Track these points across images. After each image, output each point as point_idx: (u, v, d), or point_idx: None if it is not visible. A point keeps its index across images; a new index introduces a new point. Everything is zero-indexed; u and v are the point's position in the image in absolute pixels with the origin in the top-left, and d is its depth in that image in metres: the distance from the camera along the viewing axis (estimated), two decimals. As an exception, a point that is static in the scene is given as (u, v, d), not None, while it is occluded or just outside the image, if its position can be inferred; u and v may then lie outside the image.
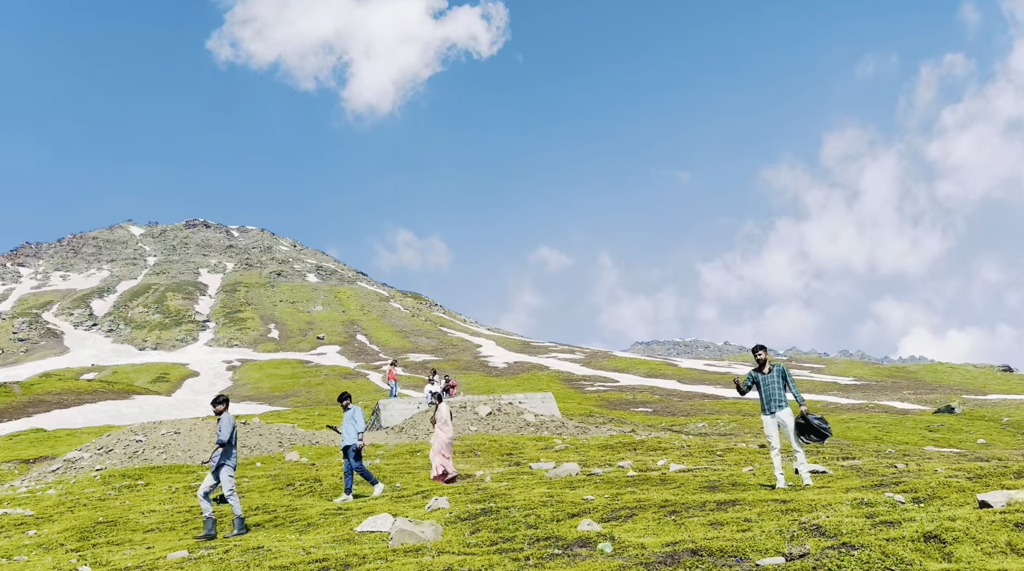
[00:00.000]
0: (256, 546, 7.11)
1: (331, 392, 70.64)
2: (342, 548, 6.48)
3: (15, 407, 49.33)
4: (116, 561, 7.53)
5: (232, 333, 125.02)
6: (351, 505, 10.43)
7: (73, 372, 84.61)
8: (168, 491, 14.54)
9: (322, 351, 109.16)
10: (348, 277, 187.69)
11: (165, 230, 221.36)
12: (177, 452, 19.99)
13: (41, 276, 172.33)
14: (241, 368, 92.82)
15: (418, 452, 18.07)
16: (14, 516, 12.92)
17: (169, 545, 8.43)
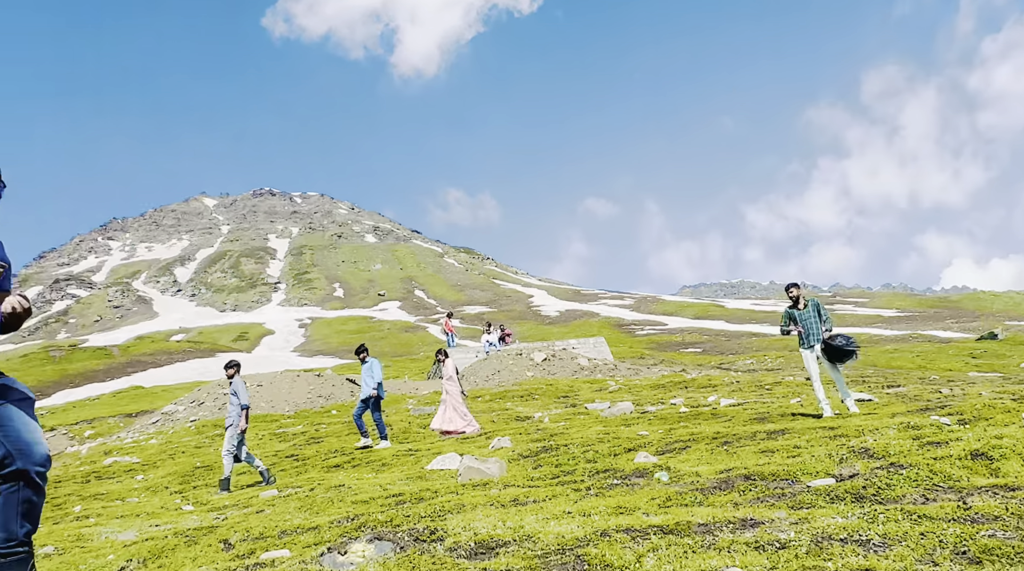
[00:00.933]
0: (338, 484, 7.38)
1: (394, 345, 72.13)
2: (415, 484, 6.68)
3: (116, 368, 51.83)
4: (214, 501, 7.93)
5: (301, 293, 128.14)
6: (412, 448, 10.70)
7: (163, 335, 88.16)
8: (255, 438, 15.17)
9: (383, 307, 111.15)
10: (404, 236, 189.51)
11: (235, 200, 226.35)
12: (261, 403, 20.76)
13: (129, 248, 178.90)
14: (312, 325, 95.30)
15: (478, 398, 18.38)
16: (124, 463, 13.68)
17: (260, 487, 8.82)
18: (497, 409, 15.39)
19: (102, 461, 14.56)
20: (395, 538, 3.71)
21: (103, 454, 16.28)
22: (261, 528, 4.69)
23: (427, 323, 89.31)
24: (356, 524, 4.39)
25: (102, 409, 30.88)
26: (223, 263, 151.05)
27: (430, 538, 3.69)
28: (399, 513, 4.62)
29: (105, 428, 25.64)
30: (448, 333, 29.78)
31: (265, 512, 5.97)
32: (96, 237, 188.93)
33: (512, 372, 22.61)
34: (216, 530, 4.98)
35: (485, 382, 22.00)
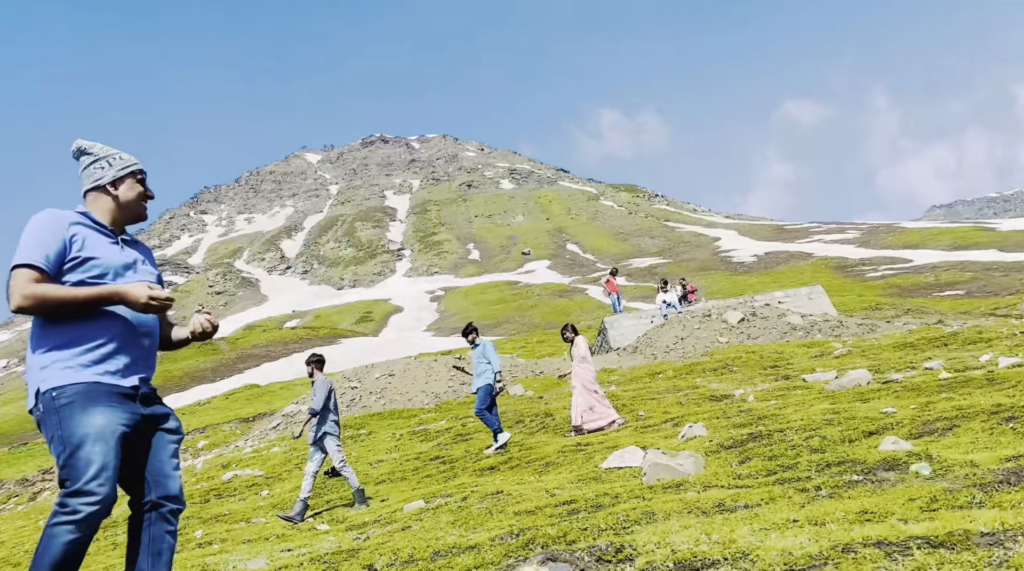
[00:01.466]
0: (495, 491, 7.64)
1: (547, 315, 73.25)
2: (589, 488, 6.77)
3: (225, 364, 56.73)
4: (352, 517, 8.50)
5: (430, 259, 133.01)
6: (579, 442, 10.84)
7: (275, 321, 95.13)
8: (392, 439, 16.06)
9: (530, 268, 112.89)
10: (548, 177, 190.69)
11: (342, 153, 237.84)
12: (395, 396, 21.92)
13: (226, 222, 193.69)
14: (445, 298, 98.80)
15: (659, 374, 18.28)
16: (245, 478, 15.00)
17: (403, 496, 9.34)
18: (684, 387, 15.25)
19: (220, 476, 16.04)
20: (573, 558, 3.78)
21: (221, 467, 17.94)
22: (410, 549, 4.96)
23: (585, 284, 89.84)
24: (523, 541, 4.53)
25: (214, 415, 33.98)
26: (336, 230, 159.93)
27: (616, 557, 3.72)
28: (574, 526, 4.71)
29: (220, 437, 28.21)
30: (613, 294, 29.78)
31: (412, 529, 6.31)
32: (187, 212, 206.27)
33: (700, 339, 22.26)
34: (358, 554, 5.33)
35: (666, 354, 21.83)
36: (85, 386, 3.01)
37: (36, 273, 3.04)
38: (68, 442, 2.93)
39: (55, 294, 3.03)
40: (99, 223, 3.29)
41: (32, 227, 3.13)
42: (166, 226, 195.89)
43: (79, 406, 2.98)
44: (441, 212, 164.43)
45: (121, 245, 3.32)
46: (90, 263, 3.15)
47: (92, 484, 2.87)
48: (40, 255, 3.06)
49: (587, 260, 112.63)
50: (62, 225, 3.16)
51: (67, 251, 3.13)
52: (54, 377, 3.03)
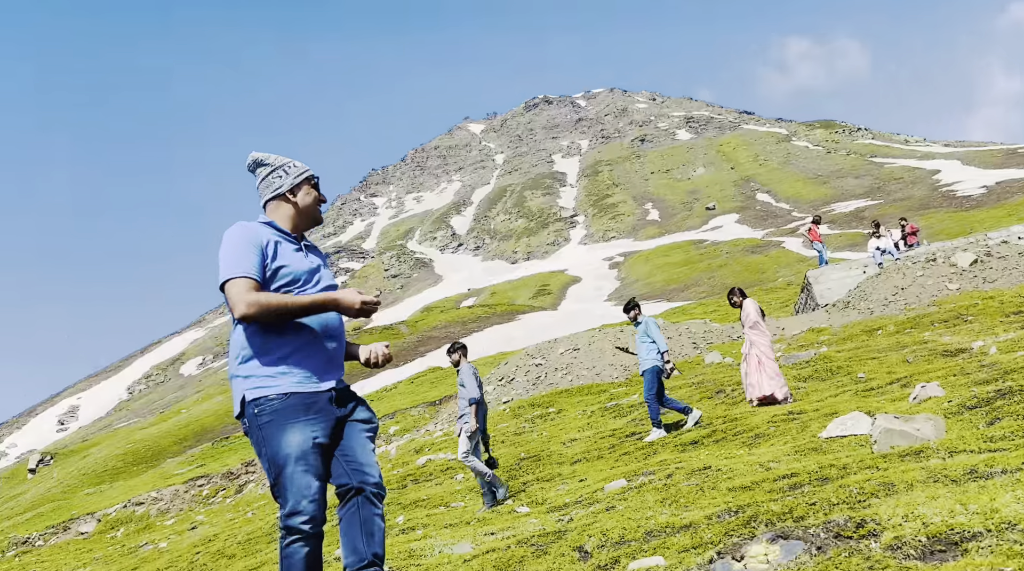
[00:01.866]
0: (701, 466, 7.54)
1: (739, 274, 71.42)
2: (809, 460, 6.55)
3: (407, 348, 59.15)
4: (552, 498, 8.64)
5: (605, 224, 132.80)
6: (791, 410, 10.47)
7: (451, 301, 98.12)
8: (584, 416, 16.22)
9: (716, 224, 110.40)
10: (729, 122, 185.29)
11: (505, 119, 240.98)
12: (581, 371, 22.10)
13: (395, 203, 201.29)
14: (625, 263, 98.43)
15: (878, 330, 17.41)
16: (439, 462, 15.61)
17: (602, 475, 9.40)
18: (909, 343, 14.44)
19: (415, 461, 16.77)
20: (805, 535, 3.65)
21: (414, 452, 18.75)
22: (620, 530, 4.98)
23: (781, 236, 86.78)
24: (743, 519, 4.43)
25: (401, 399, 35.56)
26: (505, 202, 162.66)
27: (856, 533, 3.57)
28: (800, 501, 4.56)
29: (410, 422, 29.49)
30: (816, 244, 28.60)
31: (617, 509, 6.33)
32: (358, 196, 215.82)
33: (924, 287, 20.98)
34: (565, 536, 5.40)
35: (884, 307, 20.74)
36: (281, 401, 3.35)
37: (252, 282, 3.37)
38: (274, 462, 3.33)
39: (277, 301, 3.34)
40: (284, 231, 3.60)
41: (231, 241, 3.45)
42: (338, 213, 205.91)
43: (278, 424, 3.34)
44: (614, 172, 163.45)
45: (304, 251, 3.63)
46: (283, 271, 3.48)
47: (303, 503, 3.28)
48: (250, 265, 3.39)
49: (781, 210, 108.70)
50: (257, 236, 3.48)
51: (265, 259, 3.46)
52: (255, 388, 3.38)
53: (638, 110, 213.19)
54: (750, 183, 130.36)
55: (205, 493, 28.37)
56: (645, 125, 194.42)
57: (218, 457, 35.86)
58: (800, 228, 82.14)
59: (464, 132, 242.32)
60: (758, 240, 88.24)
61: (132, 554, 19.36)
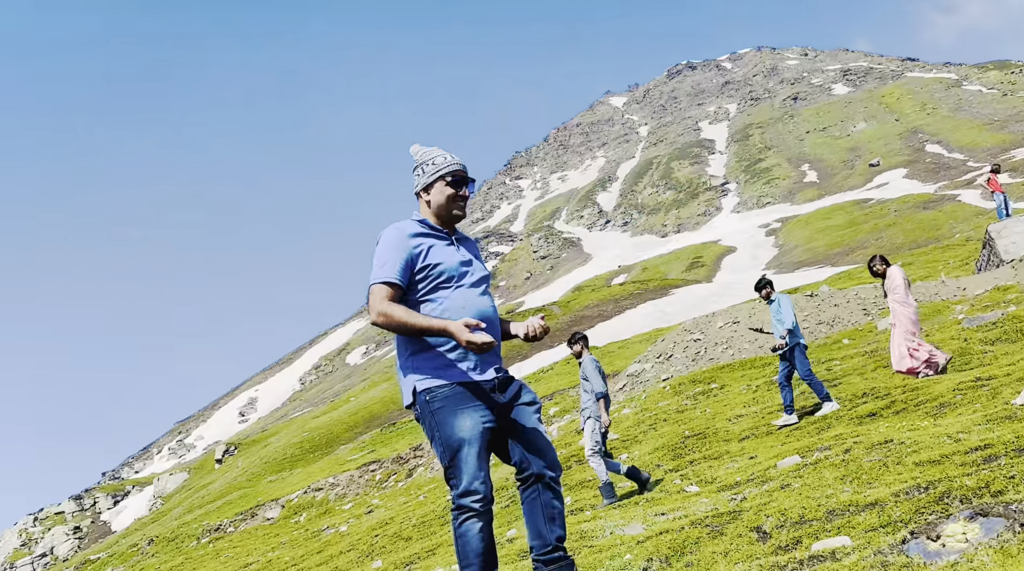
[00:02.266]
0: (882, 440, 7.24)
1: (910, 233, 68.07)
2: (1004, 429, 6.18)
3: (560, 329, 59.45)
4: (722, 476, 8.50)
5: (759, 190, 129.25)
6: (979, 376, 9.88)
7: (602, 279, 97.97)
8: (748, 391, 15.87)
9: (881, 181, 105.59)
10: (891, 71, 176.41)
11: (648, 90, 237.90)
12: (743, 344, 21.63)
13: (540, 184, 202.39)
14: (782, 229, 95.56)
15: (1073, 285, 16.21)
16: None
17: (773, 452, 9.18)
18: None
19: (577, 442, 16.87)
20: (1007, 511, 3.44)
21: (576, 433, 18.86)
22: (799, 509, 4.85)
23: (955, 189, 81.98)
24: (934, 495, 4.23)
25: (558, 380, 35.76)
26: (651, 175, 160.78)
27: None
28: (998, 474, 4.30)
29: (568, 402, 29.67)
30: (997, 195, 26.89)
31: (793, 487, 6.16)
32: (503, 180, 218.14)
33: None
34: (741, 515, 5.30)
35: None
36: (451, 388, 3.62)
37: (390, 289, 3.64)
38: (447, 445, 3.58)
39: (399, 319, 3.58)
40: (434, 227, 3.81)
41: (382, 245, 3.72)
42: (485, 197, 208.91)
43: (449, 410, 3.59)
44: (765, 134, 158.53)
45: (456, 245, 3.83)
46: (435, 269, 3.70)
47: (475, 484, 3.52)
48: (393, 272, 3.65)
49: (954, 160, 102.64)
50: (406, 239, 3.71)
51: (415, 262, 3.69)
52: (425, 378, 3.66)
53: (789, 67, 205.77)
54: (917, 134, 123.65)
55: (378, 478, 29.53)
56: (797, 82, 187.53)
57: (387, 442, 37.18)
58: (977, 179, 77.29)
59: (606, 107, 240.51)
60: (930, 195, 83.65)
61: (315, 538, 20.41)
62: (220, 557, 24.71)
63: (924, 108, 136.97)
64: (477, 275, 3.82)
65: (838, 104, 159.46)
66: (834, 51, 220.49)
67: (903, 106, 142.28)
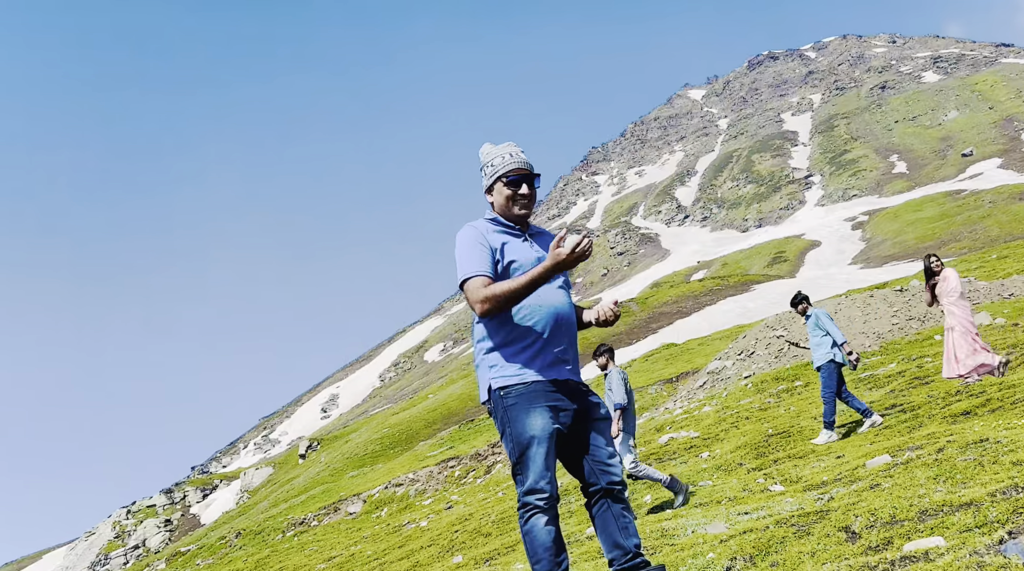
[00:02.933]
0: (977, 439, 7.04)
1: (1006, 224, 65.92)
2: (1109, 429, 5.95)
3: (638, 326, 59.15)
4: (807, 476, 8.35)
5: (844, 182, 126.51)
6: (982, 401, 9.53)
7: (680, 275, 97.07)
8: (834, 389, 15.55)
9: (974, 171, 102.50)
10: (984, 58, 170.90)
11: (728, 82, 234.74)
12: (829, 341, 21.21)
13: (617, 179, 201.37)
14: (870, 222, 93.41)
15: None
16: (681, 440, 15.51)
17: (862, 450, 8.99)
18: None
19: (656, 439, 16.76)
20: (1114, 513, 3.32)
21: (655, 431, 18.74)
22: (890, 509, 4.74)
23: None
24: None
25: (636, 378, 35.59)
26: (731, 169, 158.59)
27: None
28: (1103, 475, 4.15)
29: (647, 400, 29.48)
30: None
31: (883, 486, 6.03)
32: (580, 175, 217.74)
33: None
34: (828, 515, 5.21)
35: None
36: (526, 387, 3.67)
37: (486, 279, 3.68)
38: (518, 442, 3.63)
39: (505, 289, 3.62)
40: (507, 225, 3.87)
41: (463, 244, 3.78)
42: (561, 193, 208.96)
43: (523, 408, 3.65)
44: (851, 125, 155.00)
45: (530, 241, 3.89)
46: (513, 265, 3.76)
47: (542, 483, 3.58)
48: (484, 265, 3.71)
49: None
50: (484, 236, 3.78)
51: (495, 257, 3.78)
52: (502, 376, 3.71)
53: (876, 55, 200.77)
54: (1013, 123, 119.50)
55: (457, 474, 29.81)
56: (885, 70, 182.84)
57: (466, 439, 37.50)
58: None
59: (684, 100, 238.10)
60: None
61: (396, 532, 20.69)
62: (305, 550, 25.24)
63: (1020, 95, 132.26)
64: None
65: (928, 92, 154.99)
66: (924, 37, 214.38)
67: (997, 93, 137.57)
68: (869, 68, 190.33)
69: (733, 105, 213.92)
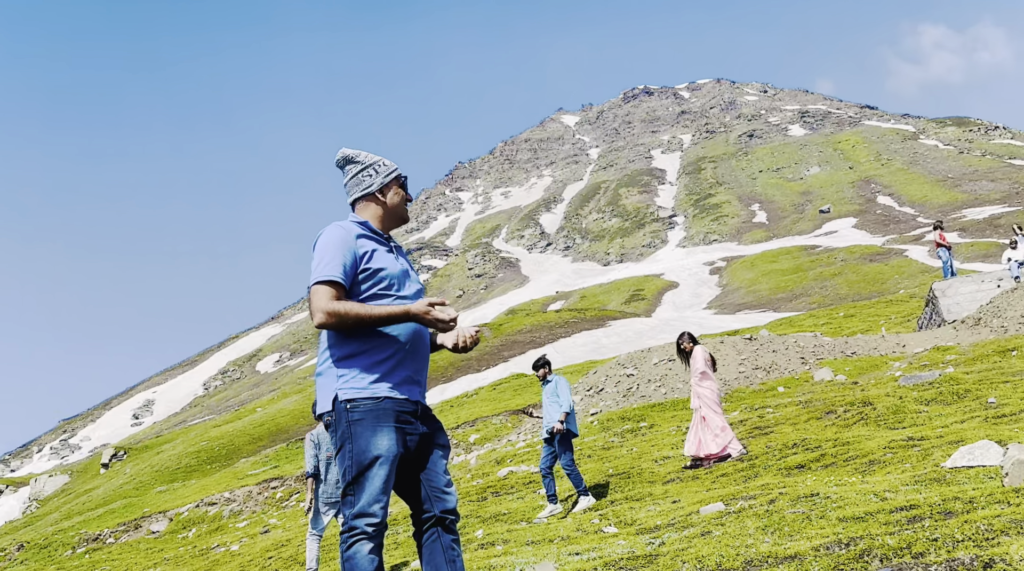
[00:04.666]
0: (809, 493, 7.39)
1: (855, 284, 69.78)
2: (931, 491, 6.37)
3: (489, 352, 59.48)
4: (642, 519, 8.57)
5: (707, 226, 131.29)
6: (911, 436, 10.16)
7: (538, 304, 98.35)
8: (678, 432, 16.04)
9: (830, 228, 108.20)
10: (848, 118, 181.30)
11: (602, 111, 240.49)
12: (677, 384, 21.88)
13: (482, 198, 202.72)
14: (728, 269, 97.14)
15: (1012, 351, 16.79)
16: (521, 474, 15.64)
17: (697, 497, 9.29)
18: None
19: (496, 472, 16.85)
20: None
21: (495, 463, 18.84)
22: (717, 557, 4.91)
23: (903, 244, 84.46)
24: (854, 552, 4.32)
25: (483, 407, 35.75)
26: (599, 200, 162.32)
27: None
28: (920, 535, 4.42)
29: (491, 430, 29.62)
30: (940, 250, 27.84)
31: (714, 534, 6.25)
32: (443, 190, 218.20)
33: None
34: (656, 560, 5.36)
35: (1020, 326, 20.00)
36: (376, 403, 3.57)
37: (334, 289, 3.57)
38: (358, 460, 3.53)
39: (354, 312, 3.53)
40: (376, 232, 3.79)
41: (324, 243, 3.66)
42: (422, 207, 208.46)
43: (369, 425, 3.55)
44: (717, 169, 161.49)
45: (395, 253, 3.83)
46: (378, 275, 3.68)
47: (375, 507, 3.50)
48: (337, 270, 3.58)
49: (905, 214, 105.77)
50: (351, 238, 3.67)
51: (358, 263, 3.66)
52: (351, 388, 3.59)
53: (747, 103, 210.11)
54: (870, 184, 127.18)
55: (279, 495, 29.03)
56: (754, 119, 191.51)
57: (292, 459, 36.65)
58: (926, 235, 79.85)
59: (557, 124, 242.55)
60: (878, 247, 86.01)
61: (203, 556, 19.93)
62: (96, 569, 24.03)
63: (879, 158, 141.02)
64: (415, 287, 3.82)
65: (793, 146, 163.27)
66: (794, 91, 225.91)
67: (858, 154, 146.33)
68: (739, 115, 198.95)
69: (605, 135, 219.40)
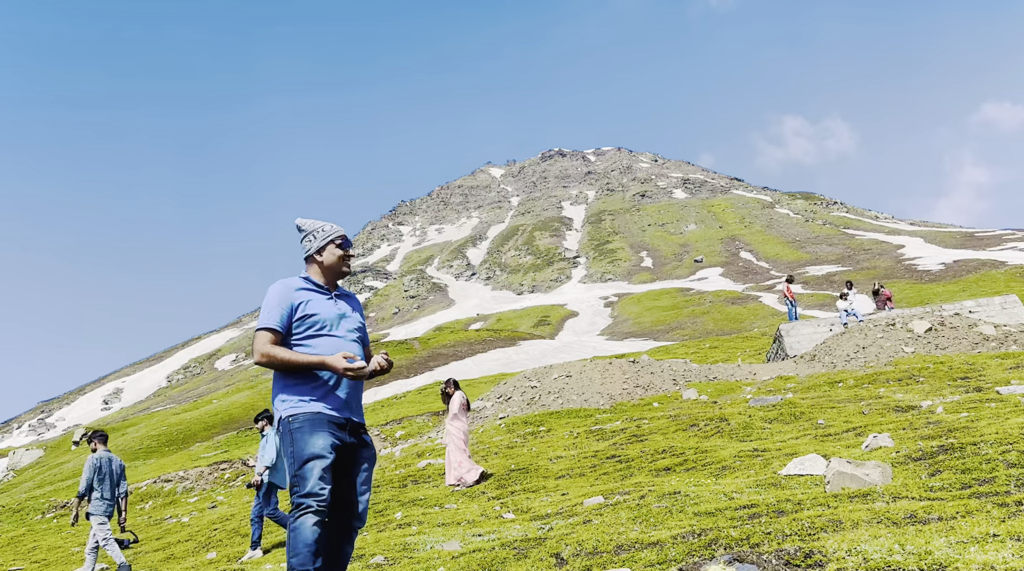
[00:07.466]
0: (672, 491, 7.52)
1: (719, 321, 71.26)
2: (769, 493, 6.52)
3: (417, 362, 59.02)
4: (536, 508, 8.60)
5: (604, 266, 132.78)
6: (756, 448, 10.42)
7: (461, 323, 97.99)
8: (570, 436, 16.14)
9: (702, 275, 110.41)
10: (721, 186, 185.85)
11: (523, 167, 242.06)
12: (571, 396, 22.02)
13: (419, 232, 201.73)
14: (619, 303, 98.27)
15: (839, 383, 17.34)
16: (437, 466, 15.52)
17: (582, 491, 9.36)
18: (866, 397, 14.38)
19: (416, 464, 16.70)
20: (760, 560, 3.65)
21: (416, 456, 18.66)
22: (594, 542, 4.97)
23: (759, 291, 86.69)
24: (705, 541, 4.43)
25: (409, 407, 35.43)
26: (516, 240, 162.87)
27: (805, 562, 3.56)
28: (757, 529, 4.55)
29: (415, 428, 29.35)
30: (789, 300, 28.64)
31: (593, 522, 6.31)
32: (387, 223, 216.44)
33: (883, 348, 20.94)
34: (545, 542, 5.39)
35: (846, 363, 20.68)
36: (312, 415, 3.69)
37: (272, 335, 3.80)
38: (298, 458, 3.60)
39: (281, 357, 3.72)
40: (316, 284, 3.98)
41: (269, 297, 3.88)
42: (368, 236, 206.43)
43: (307, 431, 3.65)
44: (615, 221, 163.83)
45: (335, 299, 3.99)
46: (312, 319, 3.85)
47: (317, 486, 3.54)
48: (275, 320, 3.81)
49: (761, 267, 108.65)
50: (290, 292, 3.88)
51: (294, 313, 3.85)
52: (291, 407, 3.73)
53: (641, 168, 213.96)
54: (735, 242, 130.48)
55: (227, 476, 28.23)
56: (646, 182, 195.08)
57: (241, 445, 35.72)
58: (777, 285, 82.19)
59: (485, 175, 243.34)
60: (738, 293, 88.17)
61: (157, 525, 19.26)
62: (62, 532, 22.99)
63: (743, 221, 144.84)
64: (351, 325, 3.96)
65: (676, 206, 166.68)
66: (678, 161, 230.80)
67: (727, 217, 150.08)
68: (635, 178, 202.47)
69: (525, 187, 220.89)
